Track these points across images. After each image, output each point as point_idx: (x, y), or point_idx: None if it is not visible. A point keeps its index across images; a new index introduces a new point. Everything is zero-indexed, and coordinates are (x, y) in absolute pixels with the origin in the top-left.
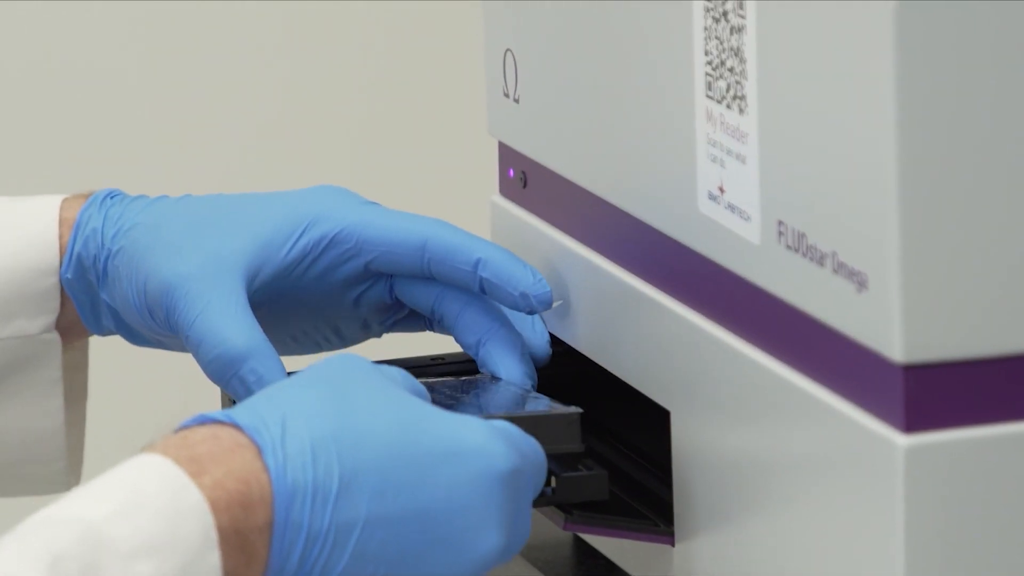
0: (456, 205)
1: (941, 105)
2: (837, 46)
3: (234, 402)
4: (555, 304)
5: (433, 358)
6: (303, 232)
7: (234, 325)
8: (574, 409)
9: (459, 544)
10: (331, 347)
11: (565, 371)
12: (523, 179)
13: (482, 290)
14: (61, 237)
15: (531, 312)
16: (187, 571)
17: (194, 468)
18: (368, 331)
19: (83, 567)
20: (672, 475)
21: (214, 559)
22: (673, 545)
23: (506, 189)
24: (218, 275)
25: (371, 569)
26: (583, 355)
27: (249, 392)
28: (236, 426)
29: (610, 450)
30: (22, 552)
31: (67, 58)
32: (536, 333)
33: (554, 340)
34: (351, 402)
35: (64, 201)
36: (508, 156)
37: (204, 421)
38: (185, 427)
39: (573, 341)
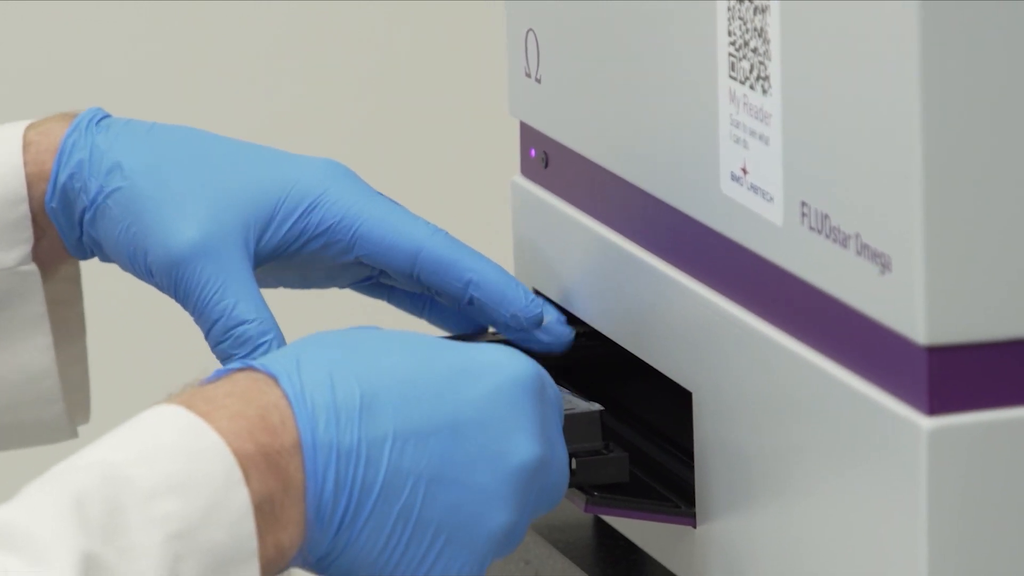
0: (477, 185)
1: (967, 87)
2: (861, 26)
3: None
4: (546, 320)
5: (453, 337)
6: (303, 213)
7: (249, 307)
8: (595, 407)
9: (494, 454)
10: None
11: (586, 352)
12: (544, 159)
13: (471, 304)
14: (34, 163)
15: (520, 329)
16: (214, 509)
17: (209, 407)
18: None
19: (107, 507)
20: (694, 457)
21: (242, 497)
22: (695, 527)
23: (527, 169)
24: (227, 251)
25: (411, 484)
26: (604, 335)
27: None
28: (251, 368)
29: (631, 431)
30: (47, 495)
31: (72, 56)
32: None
33: (576, 321)
34: (364, 339)
35: (31, 125)
36: (529, 136)
37: (220, 375)
38: (202, 384)
39: (594, 321)
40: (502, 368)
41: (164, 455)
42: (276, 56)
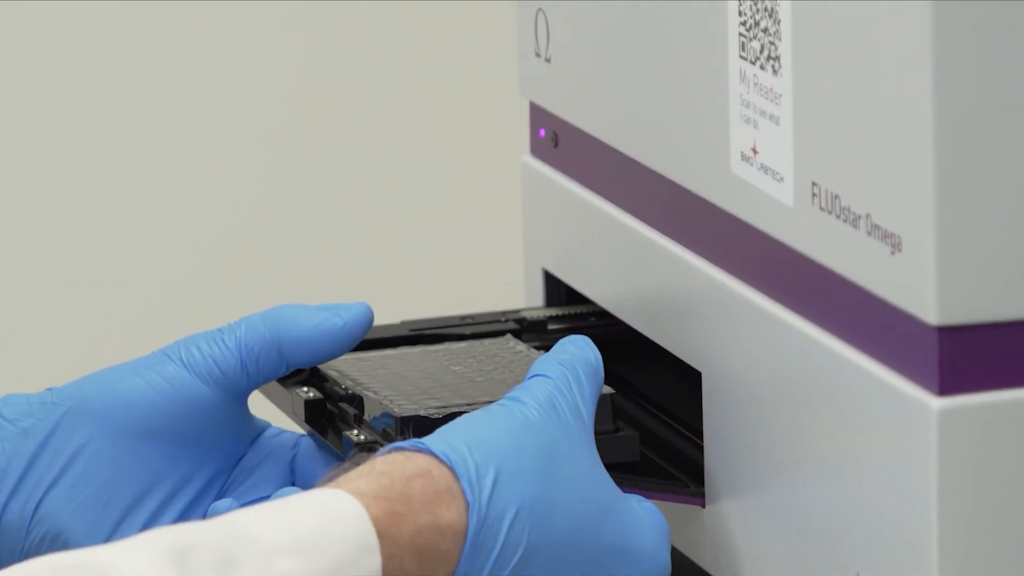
0: (487, 165)
1: (979, 67)
2: (872, 6)
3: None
4: None
5: (462, 317)
6: None
7: None
8: (606, 389)
9: None
10: None
11: (596, 332)
12: (554, 139)
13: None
14: None
15: None
16: (339, 573)
17: (401, 508)
18: None
19: (216, 558)
20: (703, 437)
21: (373, 564)
22: (704, 507)
23: (537, 149)
24: None
25: None
26: (614, 315)
27: None
28: (448, 467)
29: (641, 411)
30: (149, 543)
31: (92, 59)
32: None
33: (585, 300)
34: (557, 471)
35: None
36: (539, 116)
37: (420, 449)
38: (400, 448)
39: (604, 301)
40: (649, 561)
41: (295, 518)
42: (282, 44)
